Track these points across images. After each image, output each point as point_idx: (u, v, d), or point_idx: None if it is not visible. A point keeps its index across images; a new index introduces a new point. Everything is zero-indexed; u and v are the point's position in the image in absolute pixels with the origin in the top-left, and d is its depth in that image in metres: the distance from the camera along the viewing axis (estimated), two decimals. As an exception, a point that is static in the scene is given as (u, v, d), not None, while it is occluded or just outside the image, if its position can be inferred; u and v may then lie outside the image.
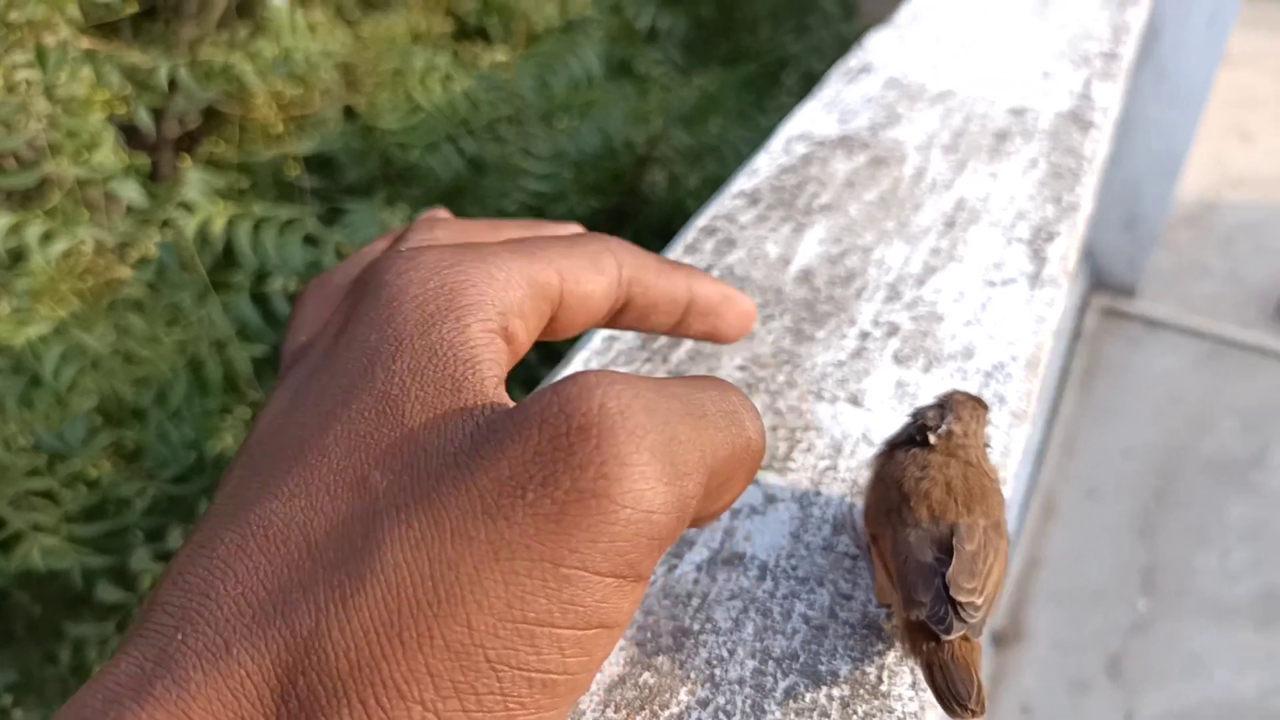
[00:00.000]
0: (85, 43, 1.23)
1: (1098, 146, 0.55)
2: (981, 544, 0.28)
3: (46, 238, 1.14)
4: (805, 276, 0.43)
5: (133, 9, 1.32)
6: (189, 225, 1.19)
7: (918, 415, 0.31)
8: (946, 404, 0.31)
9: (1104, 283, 2.49)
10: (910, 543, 0.27)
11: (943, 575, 0.26)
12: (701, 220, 0.47)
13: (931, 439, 0.30)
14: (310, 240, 1.26)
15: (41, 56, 1.14)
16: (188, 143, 1.62)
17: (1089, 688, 1.90)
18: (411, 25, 1.68)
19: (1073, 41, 0.66)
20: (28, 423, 1.04)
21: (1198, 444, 2.17)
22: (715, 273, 0.43)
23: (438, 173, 1.45)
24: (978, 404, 0.31)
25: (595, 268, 0.26)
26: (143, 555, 1.00)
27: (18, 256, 1.16)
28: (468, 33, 1.87)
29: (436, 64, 1.53)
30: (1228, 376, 2.34)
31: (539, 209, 1.56)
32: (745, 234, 0.46)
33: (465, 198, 1.54)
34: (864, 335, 0.40)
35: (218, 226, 1.20)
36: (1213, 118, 3.27)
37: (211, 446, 1.11)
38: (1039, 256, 0.45)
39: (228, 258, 1.25)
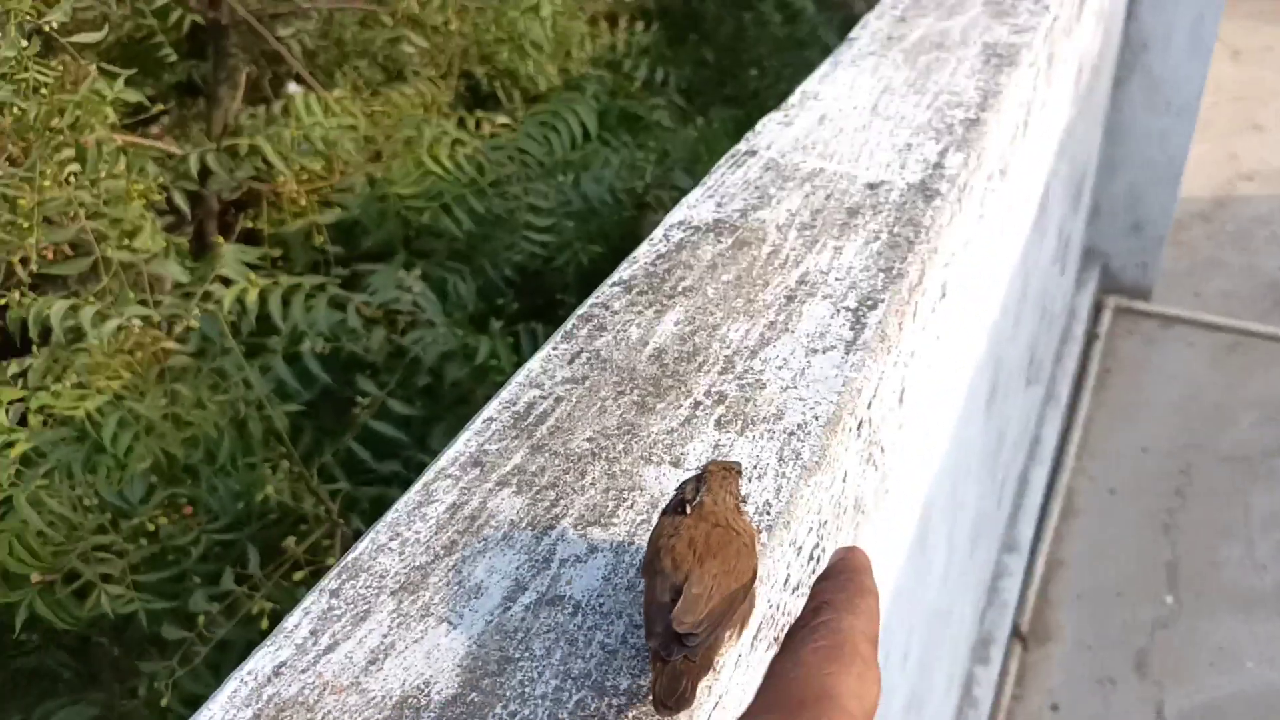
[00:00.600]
0: (120, 140, 1.38)
1: (939, 214, 0.64)
2: (708, 587, 0.36)
3: (99, 318, 1.28)
4: (657, 355, 0.53)
5: (160, 108, 1.48)
6: (226, 298, 1.33)
7: (680, 489, 0.39)
8: (702, 477, 0.39)
9: (1118, 285, 2.53)
10: (655, 587, 0.36)
11: (670, 613, 0.36)
12: (582, 309, 0.57)
13: (687, 510, 0.38)
14: (335, 304, 1.39)
15: (82, 156, 1.29)
16: (232, 213, 1.77)
17: (1117, 684, 1.94)
18: (423, 95, 1.82)
19: (940, 110, 0.75)
20: (92, 485, 1.18)
21: (1217, 438, 2.20)
22: (584, 356, 0.53)
23: (451, 231, 1.58)
24: (729, 471, 0.39)
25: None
26: (199, 598, 1.13)
27: (75, 336, 1.31)
28: (476, 96, 2.01)
29: (445, 131, 1.66)
30: (1246, 369, 2.35)
31: (546, 258, 1.67)
32: (615, 319, 0.56)
33: (477, 252, 1.66)
34: (696, 405, 0.50)
35: (251, 298, 1.34)
36: (1222, 112, 3.28)
37: (256, 497, 1.24)
38: (859, 323, 0.55)
39: (262, 324, 1.38)
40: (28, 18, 1.19)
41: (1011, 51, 0.81)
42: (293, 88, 1.63)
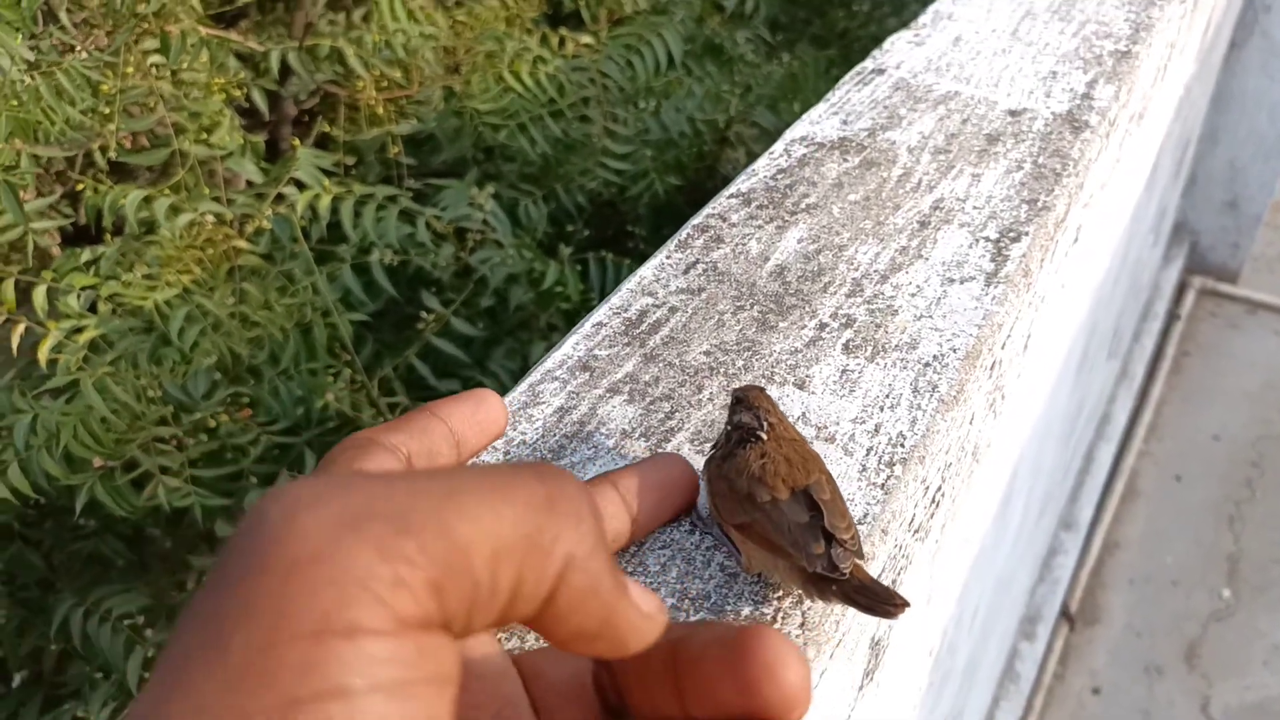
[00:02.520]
0: (204, 31, 1.35)
1: (1087, 147, 0.59)
2: (831, 491, 0.34)
3: (173, 210, 1.27)
4: (779, 272, 0.49)
5: (244, 1, 1.44)
6: (298, 202, 1.31)
7: (737, 425, 0.36)
8: (751, 406, 0.36)
9: (1204, 265, 2.42)
10: (785, 513, 0.33)
11: (822, 526, 0.33)
12: (697, 219, 0.53)
13: (763, 435, 0.35)
14: (406, 216, 1.36)
15: (165, 44, 1.26)
16: (307, 121, 1.75)
17: (1164, 673, 1.89)
18: (507, 8, 1.76)
19: (1088, 40, 0.69)
20: (156, 377, 1.17)
21: (1295, 432, 2.11)
22: (700, 267, 0.49)
23: (526, 151, 1.54)
24: (763, 393, 0.37)
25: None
26: (254, 497, 1.12)
27: (148, 228, 1.30)
28: (560, 15, 1.95)
29: (528, 47, 1.61)
30: (1334, 363, 2.25)
31: (621, 186, 1.63)
32: (733, 231, 0.52)
33: (551, 176, 1.62)
34: (821, 326, 0.46)
35: (323, 204, 1.31)
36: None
37: (317, 402, 1.23)
38: (1001, 255, 0.50)
39: (333, 232, 1.36)
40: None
41: (1166, -15, 0.75)
42: (377, -10, 1.58)
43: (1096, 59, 0.66)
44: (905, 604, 0.32)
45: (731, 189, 0.56)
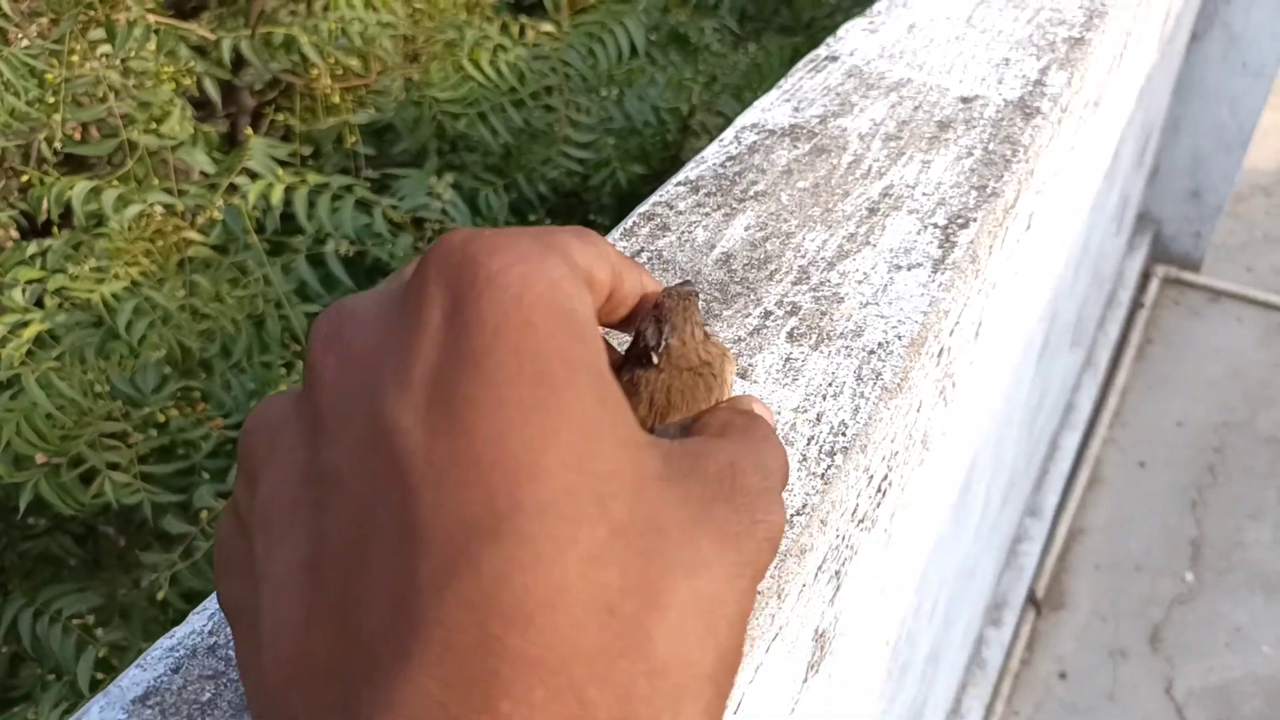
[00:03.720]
0: (153, 19, 1.32)
1: (1038, 134, 0.58)
2: (673, 435, 0.30)
3: (121, 201, 1.24)
4: (725, 260, 0.48)
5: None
6: (251, 193, 1.28)
7: (637, 335, 0.31)
8: (660, 313, 0.31)
9: (1168, 253, 2.44)
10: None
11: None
12: (643, 207, 0.52)
13: (654, 358, 0.31)
14: (363, 206, 1.34)
15: (111, 32, 1.23)
16: (266, 110, 1.72)
17: (1128, 656, 1.91)
18: (468, -4, 1.74)
19: (1041, 27, 0.68)
20: (104, 371, 1.15)
21: (1257, 417, 2.14)
22: (644, 256, 0.48)
23: (486, 141, 1.52)
24: (686, 298, 0.32)
25: (602, 258, 0.27)
26: (205, 493, 1.10)
27: (96, 220, 1.27)
28: (521, 4, 1.93)
29: (488, 35, 1.59)
30: (1294, 350, 2.28)
31: (584, 175, 1.61)
32: (680, 219, 0.51)
33: (512, 165, 1.60)
34: (766, 314, 0.45)
35: (276, 195, 1.29)
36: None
37: (270, 395, 1.20)
38: (949, 242, 0.49)
39: (287, 223, 1.34)
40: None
41: (1119, -31, 0.74)
42: (332, -24, 1.55)
43: (1050, 45, 0.65)
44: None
45: (680, 176, 0.54)
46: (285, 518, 0.22)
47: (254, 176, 1.32)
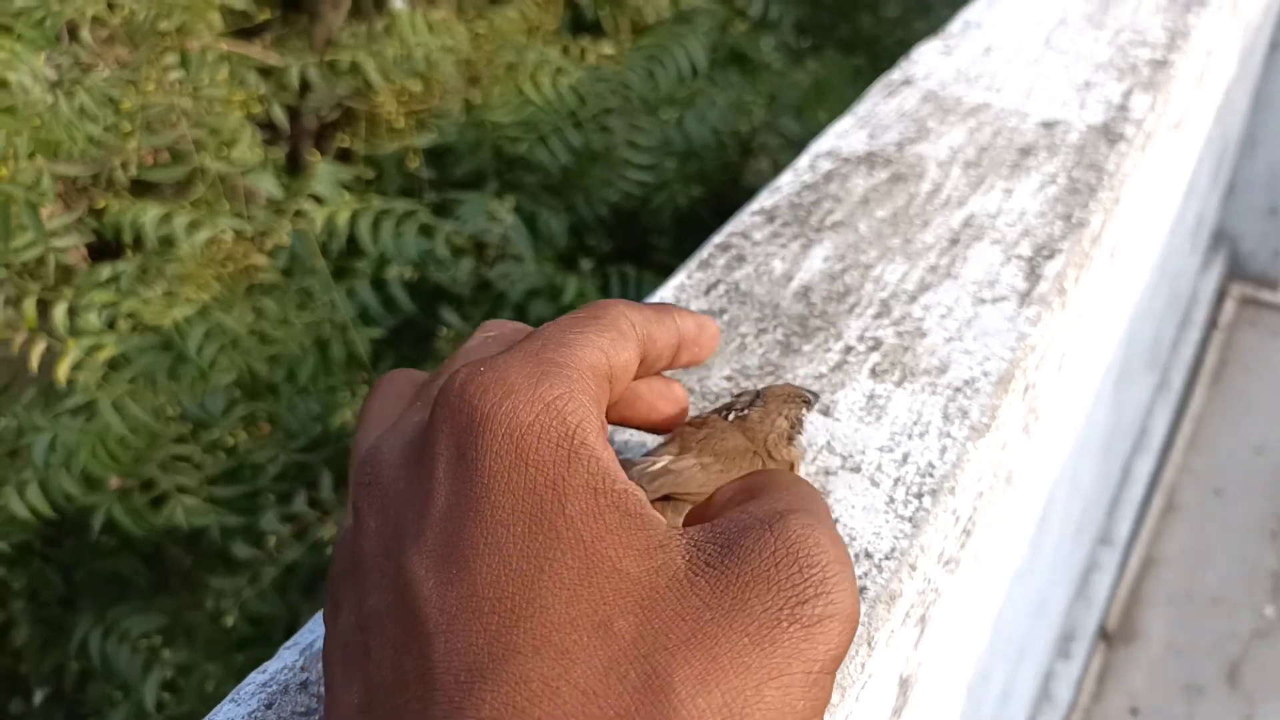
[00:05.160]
0: (224, 46, 1.35)
1: (1124, 160, 0.56)
2: (684, 467, 0.32)
3: (192, 226, 1.26)
4: (804, 293, 0.47)
5: (266, 16, 1.44)
6: (317, 217, 1.30)
7: (737, 395, 0.36)
8: (762, 394, 0.35)
9: (1245, 272, 2.36)
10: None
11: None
12: (719, 236, 0.51)
13: (731, 416, 0.34)
14: (425, 230, 1.35)
15: (185, 61, 1.26)
16: (330, 133, 1.75)
17: (1205, 693, 1.83)
18: (528, 19, 1.75)
19: (1123, 49, 0.66)
20: (175, 394, 1.17)
21: (1340, 444, 2.05)
22: (721, 288, 0.47)
23: (545, 164, 1.52)
24: (795, 398, 0.35)
25: (623, 337, 0.27)
26: (271, 517, 1.11)
27: (167, 243, 1.30)
28: (582, 25, 1.94)
29: (548, 58, 1.60)
30: (1380, 373, 2.19)
31: (643, 198, 1.61)
32: (756, 250, 0.50)
33: (572, 187, 1.61)
34: (847, 349, 0.43)
35: (342, 219, 1.30)
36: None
37: (334, 420, 1.22)
38: (1034, 274, 0.48)
39: (351, 246, 1.35)
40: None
41: (1206, -12, 0.71)
42: (398, 3, 1.58)
43: (1132, 68, 0.63)
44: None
45: (754, 205, 0.53)
46: (343, 662, 0.23)
47: (319, 200, 1.34)
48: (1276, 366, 2.21)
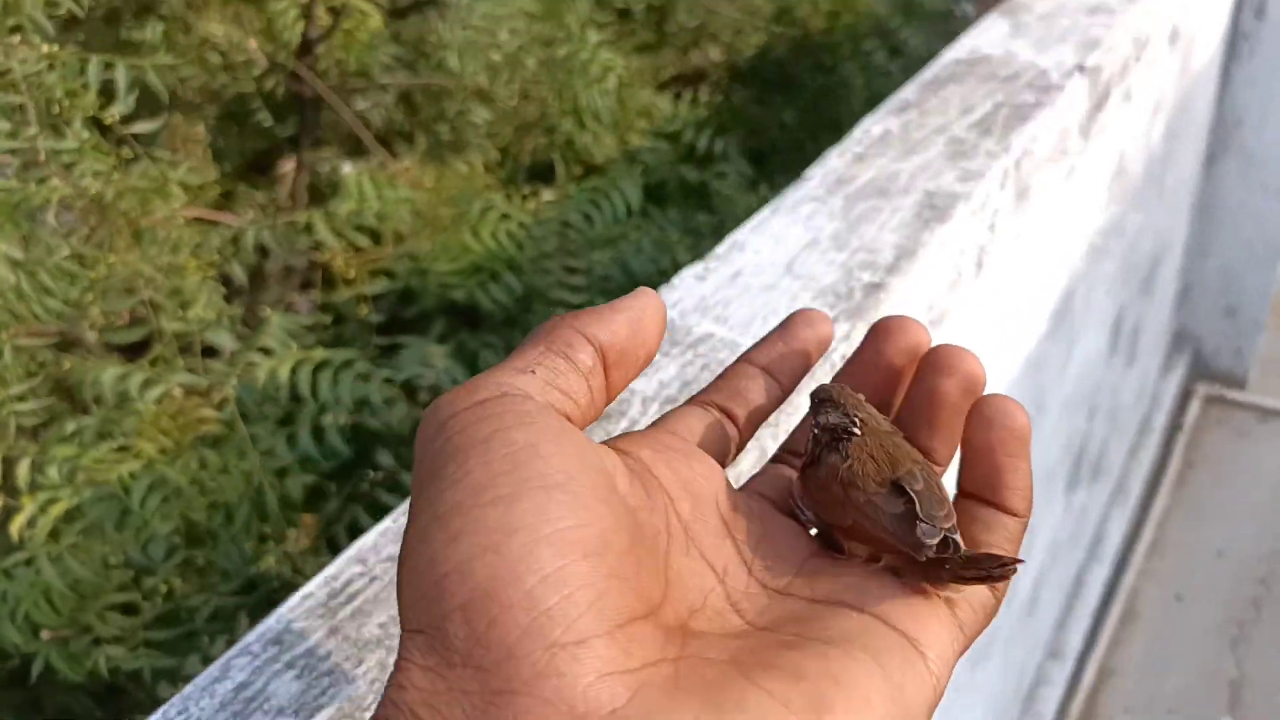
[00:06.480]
0: (186, 215, 1.49)
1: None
2: (926, 479, 0.33)
3: (147, 384, 1.39)
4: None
5: (217, 191, 1.59)
6: (260, 372, 1.42)
7: (825, 428, 0.35)
8: (837, 404, 0.35)
9: (1209, 370, 2.38)
10: (880, 507, 0.32)
11: (916, 514, 0.32)
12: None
13: (856, 431, 0.34)
14: (363, 378, 1.46)
15: (138, 235, 1.40)
16: (291, 282, 1.89)
17: (1169, 807, 1.82)
18: (483, 166, 1.89)
19: (850, 271, 0.73)
20: (120, 544, 1.27)
21: (1305, 546, 2.04)
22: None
23: (486, 308, 1.64)
24: (845, 389, 0.36)
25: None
26: (194, 660, 1.20)
27: (123, 399, 1.42)
28: (536, 167, 2.07)
29: (493, 205, 1.72)
30: (1349, 472, 2.18)
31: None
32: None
33: (514, 326, 1.71)
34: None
35: (284, 372, 1.42)
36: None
37: (262, 564, 1.31)
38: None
39: (298, 393, 1.46)
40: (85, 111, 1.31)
41: (948, 202, 0.80)
42: (346, 168, 1.72)
43: (849, 293, 0.70)
44: (1016, 562, 0.31)
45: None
46: None
47: (268, 353, 1.46)
48: (1242, 466, 2.22)
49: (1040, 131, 0.94)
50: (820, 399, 0.36)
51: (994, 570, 0.31)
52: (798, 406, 0.59)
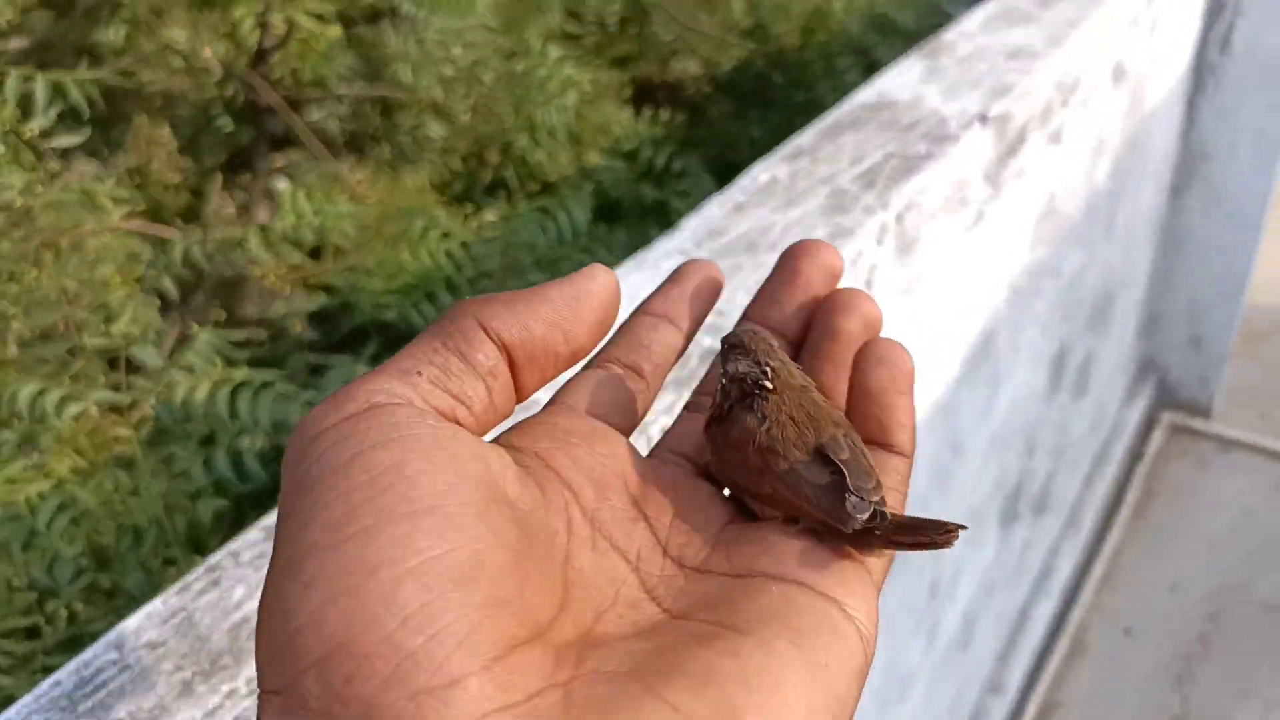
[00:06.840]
0: (117, 228, 1.48)
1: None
2: (851, 447, 0.31)
3: (63, 401, 1.38)
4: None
5: (140, 208, 1.57)
6: (178, 391, 1.40)
7: (734, 378, 0.32)
8: (748, 352, 0.32)
9: (1174, 399, 2.35)
10: (804, 477, 0.30)
11: (844, 485, 0.29)
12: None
13: (768, 385, 0.31)
14: (284, 399, 1.44)
15: (58, 251, 1.39)
16: (225, 296, 1.87)
17: (1107, 846, 1.79)
18: (432, 181, 1.87)
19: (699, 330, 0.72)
20: (26, 565, 1.26)
21: (1258, 581, 2.01)
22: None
23: (419, 328, 1.62)
24: (758, 334, 0.33)
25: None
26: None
27: (41, 418, 1.41)
28: (490, 182, 2.05)
29: (436, 222, 1.70)
30: (1309, 506, 2.14)
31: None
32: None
33: (450, 346, 1.69)
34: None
35: (202, 392, 1.40)
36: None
37: (161, 592, 1.30)
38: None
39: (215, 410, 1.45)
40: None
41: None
42: (281, 184, 1.71)
43: (684, 360, 0.69)
44: (957, 527, 0.29)
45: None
46: None
47: (191, 371, 1.45)
48: (1203, 497, 2.19)
49: (930, 183, 0.92)
50: (730, 344, 0.33)
51: (938, 537, 0.29)
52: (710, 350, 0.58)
